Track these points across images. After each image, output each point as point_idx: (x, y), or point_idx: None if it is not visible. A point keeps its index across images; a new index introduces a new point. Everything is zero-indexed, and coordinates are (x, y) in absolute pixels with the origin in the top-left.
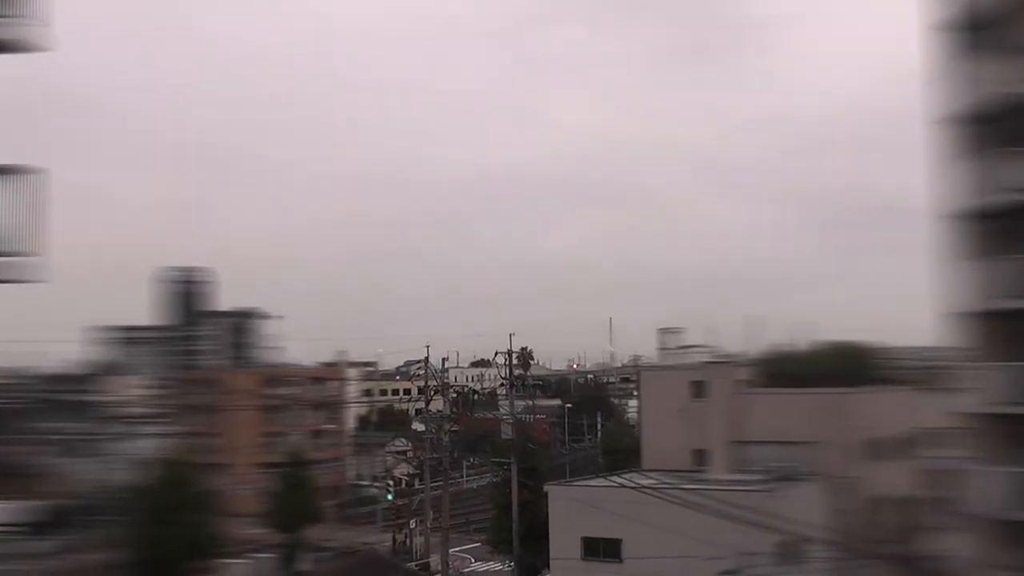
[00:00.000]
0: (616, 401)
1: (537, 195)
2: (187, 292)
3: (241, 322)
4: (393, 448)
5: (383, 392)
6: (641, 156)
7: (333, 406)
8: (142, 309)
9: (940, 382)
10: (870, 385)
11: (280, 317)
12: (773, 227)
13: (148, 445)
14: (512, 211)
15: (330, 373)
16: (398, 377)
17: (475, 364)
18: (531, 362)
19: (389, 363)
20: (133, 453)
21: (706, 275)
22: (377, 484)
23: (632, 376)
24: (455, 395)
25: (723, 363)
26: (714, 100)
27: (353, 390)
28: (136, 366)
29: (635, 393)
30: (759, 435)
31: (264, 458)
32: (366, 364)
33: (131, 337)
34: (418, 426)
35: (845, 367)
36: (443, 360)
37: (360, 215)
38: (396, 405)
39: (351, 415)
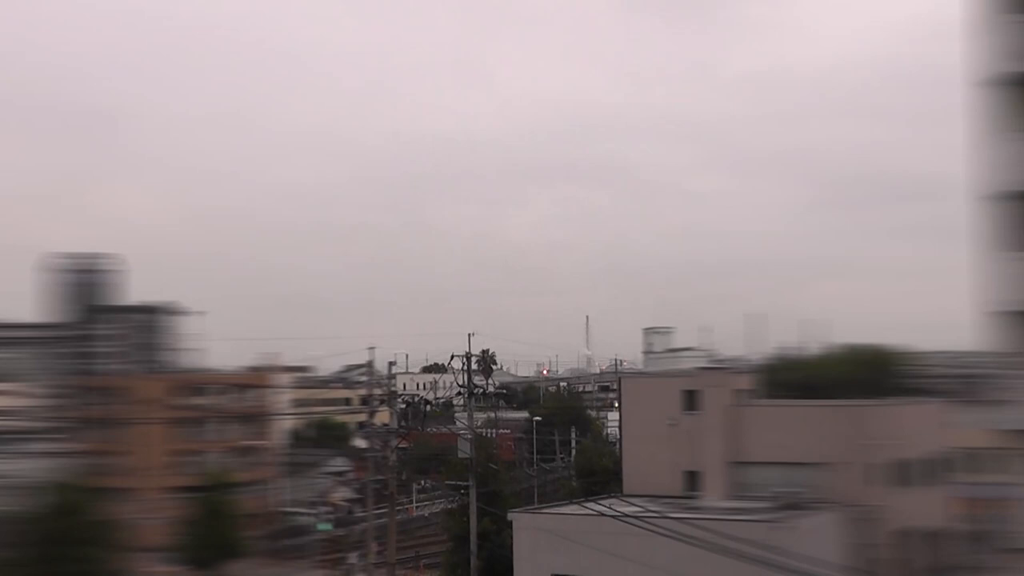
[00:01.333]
0: (594, 413)
1: (498, 170)
2: (84, 283)
3: (150, 319)
4: (331, 469)
5: (319, 402)
6: (619, 125)
7: (260, 419)
8: (25, 303)
9: (979, 393)
10: (895, 396)
11: (198, 313)
12: (777, 207)
13: (34, 466)
14: (469, 189)
15: (257, 380)
16: (337, 385)
17: (427, 369)
18: (493, 367)
19: (326, 368)
20: (15, 476)
21: (698, 265)
22: (312, 511)
23: (612, 384)
24: (404, 406)
25: (720, 369)
26: (702, 56)
27: (284, 400)
28: (18, 371)
29: (616, 404)
30: (762, 455)
31: (177, 481)
32: (299, 369)
33: (10, 336)
34: (360, 442)
35: (865, 374)
36: (390, 364)
37: (290, 193)
38: (334, 417)
39: (281, 429)
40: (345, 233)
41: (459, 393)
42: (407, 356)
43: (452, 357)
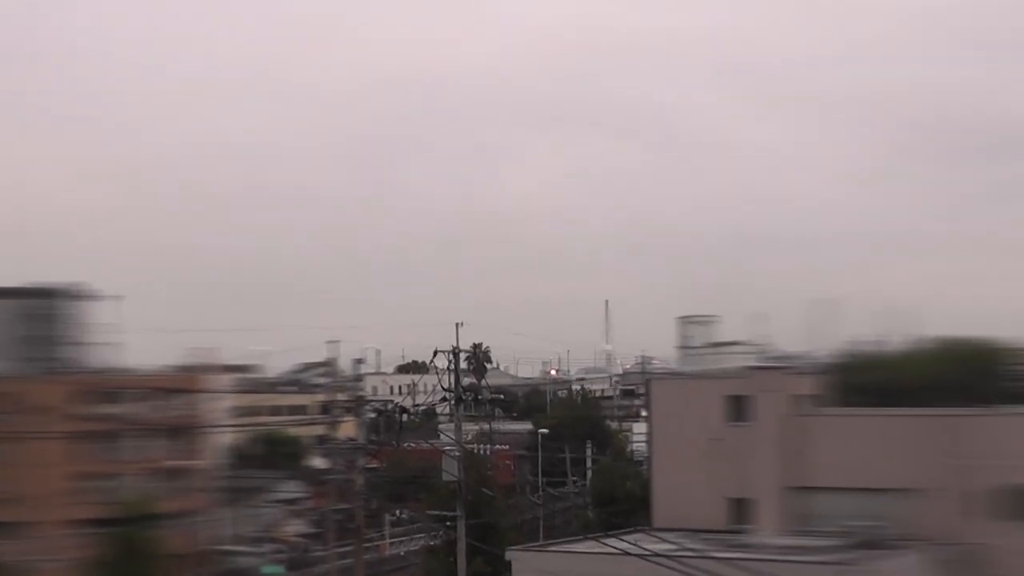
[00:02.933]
0: (615, 425)
1: (489, 117)
2: None
3: (42, 305)
4: (281, 495)
5: (267, 411)
6: (643, 59)
7: (191, 432)
8: None
9: None
10: (1000, 403)
11: (112, 298)
12: (848, 166)
13: None
14: (454, 143)
15: (186, 383)
16: (290, 389)
17: (404, 369)
18: (488, 366)
19: (276, 367)
20: None
21: (749, 238)
22: (257, 550)
23: (639, 387)
24: (374, 415)
25: (776, 368)
26: None
27: (222, 408)
28: None
29: (643, 413)
30: (830, 478)
31: (82, 512)
32: (241, 368)
33: None
34: (319, 461)
35: (962, 376)
36: (356, 363)
37: (226, 149)
38: (286, 430)
39: (218, 446)
40: (297, 200)
41: (444, 399)
42: (378, 352)
43: (435, 353)
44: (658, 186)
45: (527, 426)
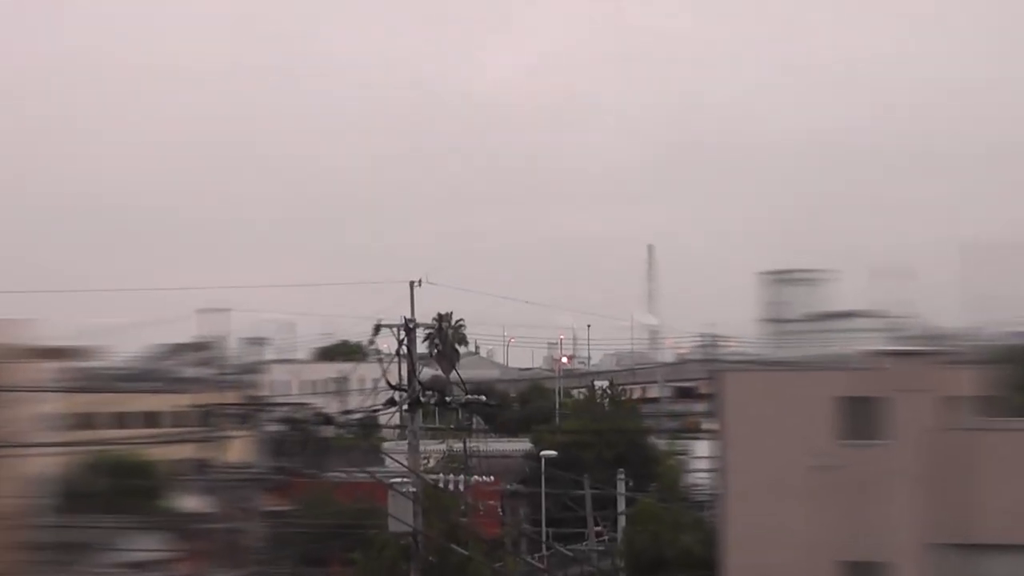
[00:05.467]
0: (662, 444)
1: None
2: None
3: None
4: (131, 554)
5: (110, 421)
6: None
7: None
8: None
9: None
10: None
11: None
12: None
13: None
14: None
15: None
16: (146, 385)
17: (328, 354)
18: (461, 350)
19: (124, 350)
20: None
21: (866, 147)
22: None
23: (700, 385)
24: (282, 427)
25: (921, 355)
26: None
27: (36, 413)
28: None
29: (708, 425)
30: (1007, 530)
31: None
32: (67, 353)
33: None
34: (192, 501)
35: None
36: (254, 344)
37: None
38: (139, 451)
39: (31, 473)
40: (163, 85)
41: (391, 402)
42: (289, 328)
43: (377, 329)
44: (714, 64)
45: (524, 445)
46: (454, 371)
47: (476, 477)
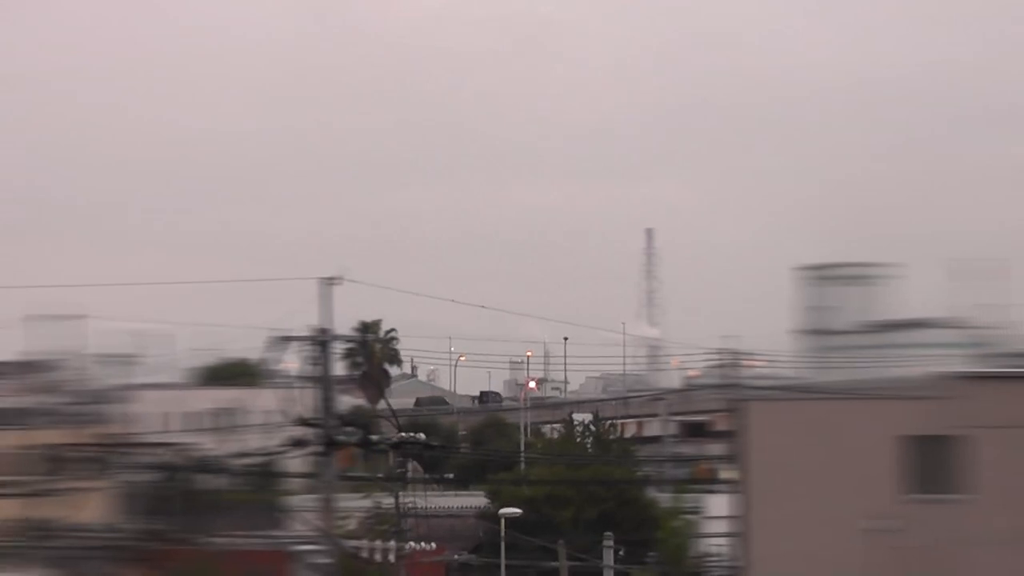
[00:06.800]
0: (661, 495)
1: None
2: None
3: None
4: None
5: None
6: None
7: None
8: None
9: None
10: None
11: None
12: None
13: None
14: None
15: None
16: None
17: (216, 376)
18: (391, 370)
19: None
20: None
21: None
22: None
23: (712, 415)
24: (148, 472)
25: (1012, 378)
26: None
27: None
28: None
29: (724, 472)
30: None
31: None
32: None
33: None
34: None
35: None
36: (114, 362)
37: None
38: None
39: None
40: None
41: (297, 443)
42: (169, 340)
43: (279, 342)
44: None
45: (478, 500)
46: (383, 400)
47: (412, 543)
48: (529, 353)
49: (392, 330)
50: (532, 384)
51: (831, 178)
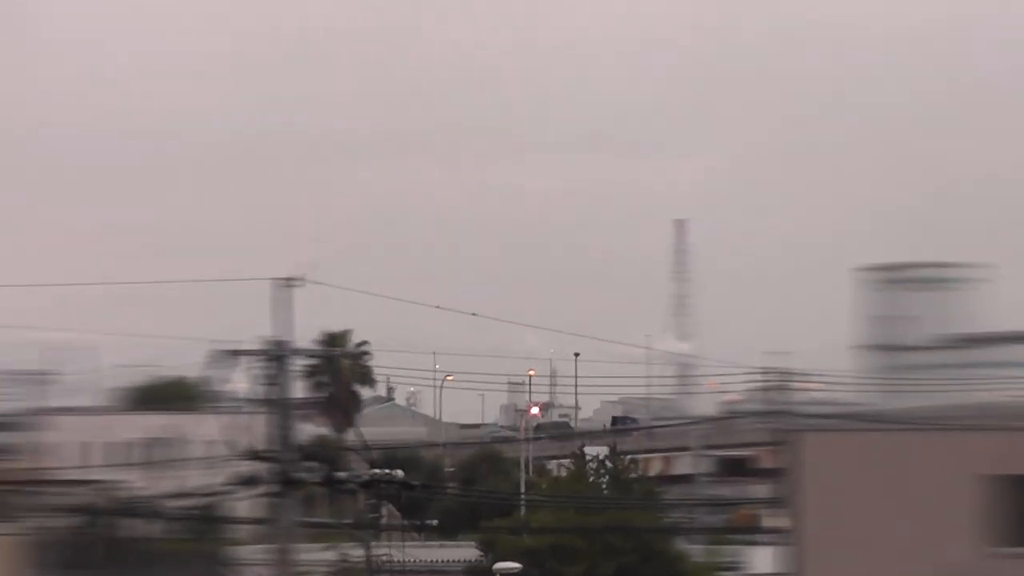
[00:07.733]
0: (694, 546)
1: None
2: None
3: None
4: None
5: None
6: None
7: None
8: None
9: None
10: None
11: None
12: None
13: None
14: None
15: None
16: None
17: (148, 399)
18: (364, 393)
19: None
20: None
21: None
22: None
23: (755, 449)
24: (65, 516)
25: None
26: None
27: None
28: None
29: (770, 518)
30: None
31: None
32: None
33: None
34: None
35: None
36: (21, 380)
37: None
38: None
39: None
40: None
41: (248, 481)
42: (93, 355)
43: (225, 356)
44: None
45: (467, 552)
46: (353, 428)
47: None
48: (531, 372)
49: (364, 343)
50: (535, 410)
51: (905, 155)
